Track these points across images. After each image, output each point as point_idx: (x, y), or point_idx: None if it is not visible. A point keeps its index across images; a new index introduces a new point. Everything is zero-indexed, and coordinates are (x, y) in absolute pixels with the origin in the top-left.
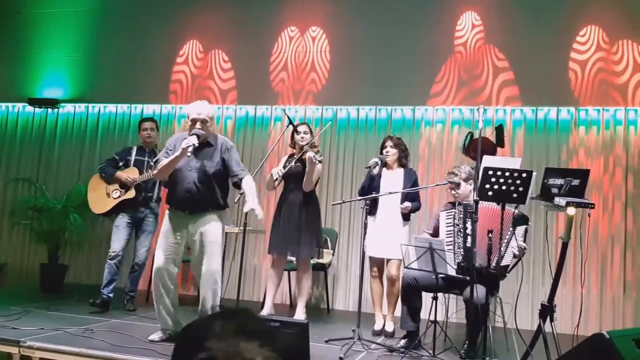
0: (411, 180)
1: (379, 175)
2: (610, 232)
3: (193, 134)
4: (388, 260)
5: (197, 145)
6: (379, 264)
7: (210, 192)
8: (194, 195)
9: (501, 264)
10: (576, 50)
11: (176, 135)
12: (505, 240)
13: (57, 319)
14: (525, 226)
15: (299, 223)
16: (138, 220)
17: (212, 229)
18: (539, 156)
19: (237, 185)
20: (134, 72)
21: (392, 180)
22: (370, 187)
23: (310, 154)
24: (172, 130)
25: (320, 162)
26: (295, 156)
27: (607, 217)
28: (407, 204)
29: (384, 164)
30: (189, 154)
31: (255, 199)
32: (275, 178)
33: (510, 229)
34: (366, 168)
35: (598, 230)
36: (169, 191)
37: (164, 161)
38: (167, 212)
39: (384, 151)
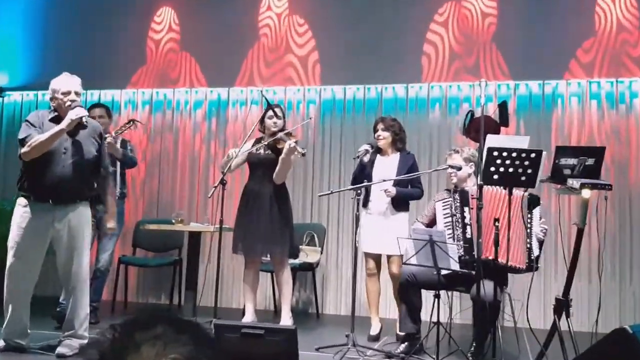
0: (407, 165)
1: (372, 162)
2: (629, 217)
3: (78, 106)
4: (388, 256)
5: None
6: (375, 261)
7: (83, 180)
8: (66, 183)
9: (532, 257)
10: (592, 17)
11: (39, 112)
12: (528, 229)
13: None
14: (539, 207)
15: (270, 218)
16: (96, 221)
17: (83, 223)
18: (546, 135)
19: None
20: (92, 54)
21: (386, 167)
22: (362, 175)
23: (291, 143)
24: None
25: (303, 154)
26: (264, 142)
27: (625, 200)
28: (392, 189)
29: (377, 150)
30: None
31: (113, 207)
32: (233, 156)
33: (528, 215)
34: (355, 158)
35: (615, 215)
36: (30, 177)
37: (40, 136)
38: (20, 203)
39: (376, 135)
